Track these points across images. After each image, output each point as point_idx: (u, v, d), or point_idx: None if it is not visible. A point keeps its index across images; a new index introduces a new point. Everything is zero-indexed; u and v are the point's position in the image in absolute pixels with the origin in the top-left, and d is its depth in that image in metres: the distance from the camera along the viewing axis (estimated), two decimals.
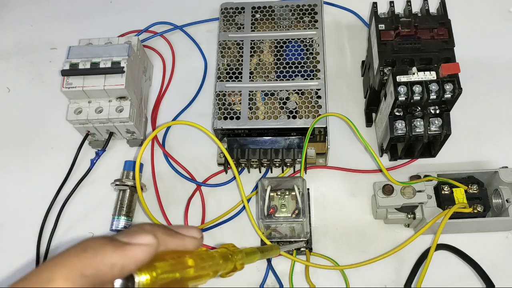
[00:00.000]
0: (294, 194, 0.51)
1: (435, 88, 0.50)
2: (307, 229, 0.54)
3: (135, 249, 0.22)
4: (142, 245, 0.22)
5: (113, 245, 0.21)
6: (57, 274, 0.20)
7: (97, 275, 0.20)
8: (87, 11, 0.79)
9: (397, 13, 0.56)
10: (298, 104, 0.58)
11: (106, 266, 0.21)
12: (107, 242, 0.21)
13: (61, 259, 0.20)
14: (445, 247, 0.55)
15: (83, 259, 0.20)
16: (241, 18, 0.65)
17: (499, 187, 0.54)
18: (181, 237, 0.26)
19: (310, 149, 0.60)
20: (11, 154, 0.67)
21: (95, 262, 0.20)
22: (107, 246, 0.21)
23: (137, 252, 0.22)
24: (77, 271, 0.20)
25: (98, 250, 0.21)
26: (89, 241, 0.21)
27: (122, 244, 0.22)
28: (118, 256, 0.21)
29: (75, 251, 0.21)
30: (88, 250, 0.21)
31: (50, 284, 0.19)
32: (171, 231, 0.26)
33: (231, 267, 0.30)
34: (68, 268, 0.20)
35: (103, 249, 0.21)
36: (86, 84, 0.58)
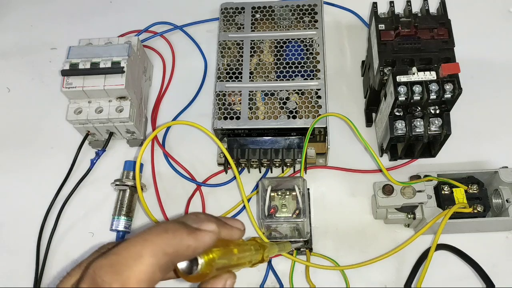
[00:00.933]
0: (295, 194, 0.51)
1: (435, 88, 0.50)
2: (307, 229, 0.54)
3: (204, 234, 0.24)
4: (209, 231, 0.25)
5: (188, 230, 0.24)
6: (145, 250, 0.22)
7: (176, 254, 0.23)
8: (87, 11, 0.79)
9: (397, 13, 0.56)
10: (298, 104, 0.58)
11: (183, 247, 0.23)
12: (182, 226, 0.24)
13: (148, 236, 0.22)
14: (445, 247, 0.55)
15: (165, 239, 0.22)
16: (241, 18, 0.65)
17: (499, 187, 0.54)
18: (230, 227, 0.29)
19: (310, 149, 0.60)
20: (11, 154, 0.67)
21: (175, 242, 0.23)
22: (183, 229, 0.24)
23: (206, 237, 0.25)
24: (161, 249, 0.22)
25: (177, 232, 0.23)
26: (168, 224, 0.23)
27: (194, 229, 0.24)
28: (192, 239, 0.24)
29: (158, 231, 0.23)
30: (169, 232, 0.23)
31: (139, 258, 0.21)
32: (222, 221, 0.29)
33: (259, 258, 0.33)
34: (154, 246, 0.22)
35: (181, 232, 0.23)
36: (86, 84, 0.58)
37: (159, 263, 0.22)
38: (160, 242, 0.22)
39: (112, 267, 0.21)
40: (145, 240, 0.22)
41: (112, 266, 0.21)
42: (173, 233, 0.23)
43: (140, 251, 0.21)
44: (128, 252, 0.21)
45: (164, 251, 0.22)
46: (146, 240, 0.22)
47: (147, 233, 0.23)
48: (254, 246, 0.33)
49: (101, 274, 0.21)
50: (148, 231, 0.23)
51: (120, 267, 0.21)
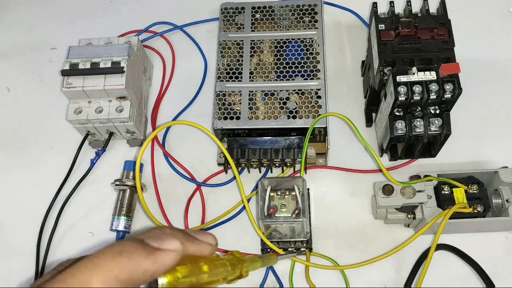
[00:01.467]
0: (294, 194, 0.51)
1: (435, 88, 0.50)
2: (307, 229, 0.54)
3: (165, 255, 0.22)
4: (171, 251, 0.23)
5: (146, 251, 0.22)
6: (95, 277, 0.20)
7: (131, 280, 0.21)
8: (87, 11, 0.79)
9: (397, 13, 0.56)
10: (298, 104, 0.58)
11: (140, 272, 0.21)
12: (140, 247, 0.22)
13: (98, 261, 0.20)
14: (445, 247, 0.55)
15: (119, 264, 0.20)
16: (241, 18, 0.65)
17: (499, 187, 0.54)
18: (199, 243, 0.26)
19: (310, 149, 0.60)
20: (11, 154, 0.67)
21: (130, 267, 0.21)
22: (141, 251, 0.22)
23: (167, 258, 0.22)
24: (113, 275, 0.20)
25: (133, 255, 0.21)
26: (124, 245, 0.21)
27: (153, 250, 0.22)
28: (150, 262, 0.22)
29: (111, 254, 0.21)
30: (123, 255, 0.21)
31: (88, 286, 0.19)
32: (190, 236, 0.26)
33: (237, 274, 0.31)
34: (105, 272, 0.20)
35: (137, 254, 0.21)
36: (86, 84, 0.58)
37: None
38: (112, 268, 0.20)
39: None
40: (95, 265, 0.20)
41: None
42: (129, 256, 0.21)
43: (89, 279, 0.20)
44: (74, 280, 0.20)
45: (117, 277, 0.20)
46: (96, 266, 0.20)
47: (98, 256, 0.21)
48: (231, 261, 0.31)
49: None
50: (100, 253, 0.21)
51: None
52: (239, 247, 0.57)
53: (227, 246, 0.56)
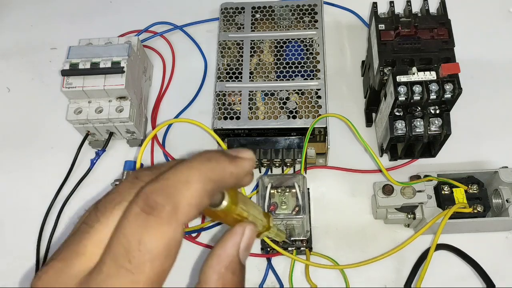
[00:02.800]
0: (295, 191, 0.51)
1: (435, 88, 0.50)
2: (307, 228, 0.54)
3: (243, 161, 0.25)
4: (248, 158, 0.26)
5: (229, 158, 0.24)
6: (192, 176, 0.22)
7: (220, 180, 0.23)
8: (87, 11, 0.79)
9: (397, 13, 0.56)
10: (298, 104, 0.58)
11: (227, 174, 0.24)
12: (223, 155, 0.24)
13: (193, 164, 0.23)
14: (445, 247, 0.55)
15: (210, 167, 0.23)
16: (241, 18, 0.65)
17: (499, 187, 0.54)
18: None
19: (310, 149, 0.60)
20: (11, 154, 0.67)
21: (219, 169, 0.23)
22: (225, 157, 0.24)
23: (246, 163, 0.25)
24: (207, 176, 0.23)
25: (219, 160, 0.24)
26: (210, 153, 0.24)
27: (234, 157, 0.25)
28: (233, 166, 0.24)
29: (202, 159, 0.23)
30: (211, 160, 0.23)
31: (188, 184, 0.22)
32: None
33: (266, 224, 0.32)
34: (200, 172, 0.22)
35: (223, 159, 0.24)
36: (86, 84, 0.58)
37: (205, 189, 0.22)
38: (205, 169, 0.23)
39: (164, 191, 0.22)
40: (191, 167, 0.23)
41: (163, 189, 0.22)
42: (216, 160, 0.24)
43: (188, 177, 0.22)
44: (177, 178, 0.22)
45: (209, 177, 0.23)
46: (192, 168, 0.23)
47: (192, 161, 0.23)
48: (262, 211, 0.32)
49: (154, 196, 0.21)
50: (193, 159, 0.23)
51: (171, 191, 0.22)
52: None
53: None
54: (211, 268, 0.25)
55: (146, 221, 0.21)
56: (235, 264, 0.25)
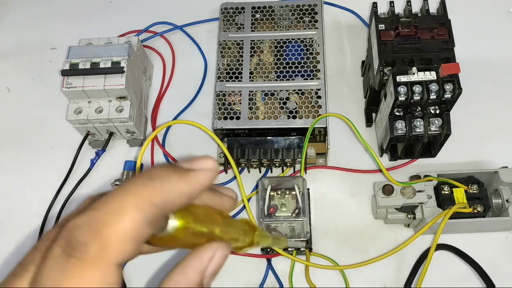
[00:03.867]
0: (295, 193, 0.51)
1: (435, 88, 0.50)
2: (307, 229, 0.54)
3: (200, 174, 0.21)
4: (206, 170, 0.22)
5: (178, 173, 0.21)
6: (127, 203, 0.19)
7: (166, 204, 0.20)
8: (87, 11, 0.79)
9: (397, 13, 0.56)
10: (298, 104, 0.58)
11: (175, 195, 0.20)
12: (171, 170, 0.21)
13: (129, 188, 0.19)
14: (445, 247, 0.55)
15: (151, 188, 0.19)
16: (241, 18, 0.65)
17: (499, 187, 0.54)
18: (220, 194, 0.25)
19: (310, 149, 0.60)
20: (11, 154, 0.67)
21: (163, 191, 0.20)
22: (172, 174, 0.21)
23: (202, 177, 0.21)
24: (147, 200, 0.19)
25: (164, 178, 0.20)
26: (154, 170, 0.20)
27: (186, 171, 0.21)
28: (185, 183, 0.21)
29: (142, 180, 0.20)
30: (154, 179, 0.20)
31: (121, 214, 0.18)
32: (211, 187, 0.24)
33: (248, 241, 0.28)
34: (138, 197, 0.19)
35: (169, 177, 0.20)
36: (86, 84, 0.58)
37: (145, 217, 0.19)
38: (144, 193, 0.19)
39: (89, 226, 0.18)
40: (127, 192, 0.19)
41: (89, 224, 0.18)
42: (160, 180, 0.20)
43: (122, 205, 0.18)
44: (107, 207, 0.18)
45: (150, 202, 0.19)
46: (128, 192, 0.19)
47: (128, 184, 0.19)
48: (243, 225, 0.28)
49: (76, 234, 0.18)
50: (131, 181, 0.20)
51: (98, 225, 0.18)
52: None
53: None
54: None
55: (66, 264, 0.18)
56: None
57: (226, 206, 0.25)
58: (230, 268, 0.57)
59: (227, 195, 0.25)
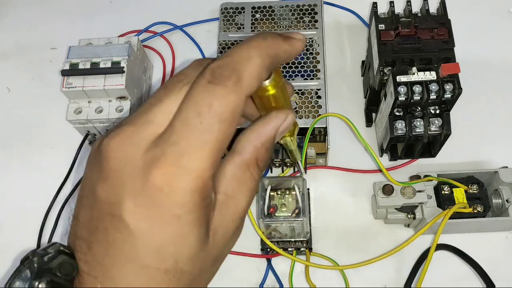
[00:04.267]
0: (294, 193, 0.51)
1: (435, 88, 0.50)
2: (307, 229, 0.54)
3: (296, 41, 0.28)
4: (299, 39, 0.28)
5: (282, 37, 0.27)
6: (253, 53, 0.25)
7: (276, 56, 0.27)
8: (87, 11, 0.79)
9: (397, 13, 0.56)
10: (298, 104, 0.58)
11: (282, 50, 0.27)
12: (277, 34, 0.27)
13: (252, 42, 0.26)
14: (445, 247, 0.55)
15: (267, 44, 0.26)
16: (241, 18, 0.65)
17: (499, 187, 0.54)
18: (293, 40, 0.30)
19: (310, 149, 0.60)
20: (11, 154, 0.67)
21: (275, 46, 0.26)
22: (279, 37, 0.27)
23: (298, 43, 0.28)
24: (264, 52, 0.26)
25: (275, 39, 0.27)
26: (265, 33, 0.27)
27: (287, 37, 0.28)
28: (288, 44, 0.27)
29: (259, 39, 0.26)
30: (267, 39, 0.26)
31: (249, 60, 0.25)
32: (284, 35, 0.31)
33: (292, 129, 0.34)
34: (259, 49, 0.25)
35: (278, 38, 0.27)
36: (86, 84, 0.58)
37: (264, 63, 0.25)
38: (263, 46, 0.26)
39: (228, 65, 0.24)
40: (250, 46, 0.25)
41: (228, 64, 0.25)
42: (272, 39, 0.26)
43: (249, 54, 0.25)
44: (239, 55, 0.25)
45: (267, 53, 0.26)
46: (251, 46, 0.25)
47: (250, 40, 0.26)
48: None
49: (220, 70, 0.24)
50: (250, 39, 0.26)
51: (235, 65, 0.24)
52: (239, 247, 0.57)
53: None
54: (248, 141, 0.27)
55: (214, 89, 0.24)
56: (270, 143, 0.28)
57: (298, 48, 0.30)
58: (230, 268, 0.57)
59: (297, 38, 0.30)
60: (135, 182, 0.24)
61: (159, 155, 0.23)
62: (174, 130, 0.24)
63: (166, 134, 0.24)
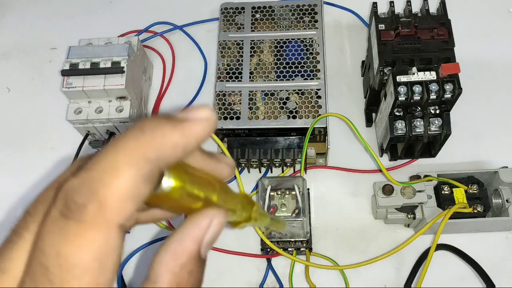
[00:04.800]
0: (294, 193, 0.51)
1: (435, 88, 0.50)
2: (307, 229, 0.54)
3: (195, 124, 0.19)
4: (202, 119, 0.20)
5: (171, 123, 0.19)
6: (120, 159, 0.17)
7: (161, 158, 0.18)
8: (87, 11, 0.79)
9: (397, 13, 0.56)
10: (298, 104, 0.58)
11: (169, 147, 0.19)
12: (164, 120, 0.19)
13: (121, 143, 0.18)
14: (445, 247, 0.55)
15: (143, 141, 0.18)
16: (241, 18, 0.65)
17: (499, 187, 0.54)
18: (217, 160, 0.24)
19: (310, 149, 0.60)
20: (11, 154, 0.67)
21: (156, 143, 0.18)
22: (165, 124, 0.19)
23: (198, 127, 0.19)
24: (139, 154, 0.18)
25: (157, 129, 0.18)
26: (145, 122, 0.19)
27: (180, 121, 0.19)
28: (178, 134, 0.19)
29: (133, 133, 0.18)
30: (146, 131, 0.18)
31: (116, 172, 0.17)
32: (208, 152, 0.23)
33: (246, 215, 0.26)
34: (130, 152, 0.18)
35: (162, 128, 0.19)
36: (86, 84, 0.58)
37: (141, 173, 0.17)
38: (138, 147, 0.18)
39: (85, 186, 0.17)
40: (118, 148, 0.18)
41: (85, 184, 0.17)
42: (152, 132, 0.18)
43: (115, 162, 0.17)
44: (101, 166, 0.17)
45: (144, 156, 0.18)
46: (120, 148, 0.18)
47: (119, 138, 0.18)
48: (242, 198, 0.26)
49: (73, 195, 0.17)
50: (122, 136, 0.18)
51: (94, 185, 0.17)
52: (239, 247, 0.57)
53: (227, 246, 0.56)
54: (164, 265, 0.20)
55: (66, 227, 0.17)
56: (194, 262, 0.20)
57: (223, 174, 0.23)
58: (230, 268, 0.57)
59: (225, 162, 0.24)
60: None
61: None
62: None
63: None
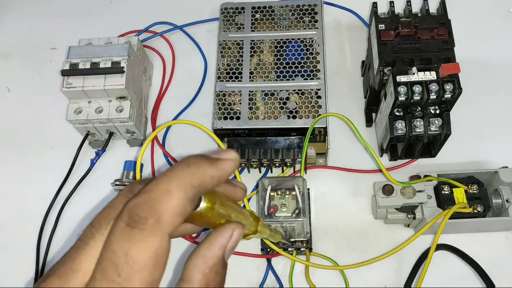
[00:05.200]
0: (295, 193, 0.51)
1: (435, 88, 0.50)
2: (307, 229, 0.54)
3: (225, 163, 0.26)
4: (229, 160, 0.26)
5: (209, 161, 0.25)
6: (173, 185, 0.23)
7: (202, 185, 0.24)
8: (87, 11, 0.79)
9: (397, 13, 0.56)
10: (298, 104, 0.58)
11: (207, 178, 0.25)
12: (203, 159, 0.25)
13: (173, 173, 0.24)
14: (445, 247, 0.55)
15: (189, 173, 0.24)
16: (241, 18, 0.65)
17: (499, 187, 0.54)
18: (234, 185, 0.30)
19: (310, 149, 0.60)
20: (11, 154, 0.67)
21: (199, 175, 0.24)
22: (205, 161, 0.25)
23: (228, 165, 0.26)
24: (187, 182, 0.24)
25: (199, 165, 0.25)
26: (189, 159, 0.25)
27: (215, 160, 0.26)
28: (215, 169, 0.25)
29: (181, 167, 0.24)
30: (191, 166, 0.24)
31: (169, 194, 0.23)
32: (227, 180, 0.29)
33: (254, 229, 0.33)
34: (180, 180, 0.23)
35: (202, 164, 0.25)
36: (86, 84, 0.58)
37: (187, 196, 0.23)
38: (185, 176, 0.24)
39: (146, 204, 0.23)
40: (171, 177, 0.24)
41: (146, 203, 0.23)
42: (196, 166, 0.25)
43: (169, 187, 0.23)
44: (158, 190, 0.23)
45: (190, 184, 0.24)
46: (172, 177, 0.24)
47: (171, 170, 0.24)
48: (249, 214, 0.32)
49: (137, 210, 0.22)
50: (172, 168, 0.24)
51: (153, 203, 0.23)
52: (239, 247, 0.57)
53: None
54: (196, 267, 0.25)
55: (132, 234, 0.22)
56: (219, 265, 0.26)
57: (238, 196, 0.30)
58: (230, 268, 0.57)
59: (239, 186, 0.30)
60: None
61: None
62: (94, 283, 0.23)
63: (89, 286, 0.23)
